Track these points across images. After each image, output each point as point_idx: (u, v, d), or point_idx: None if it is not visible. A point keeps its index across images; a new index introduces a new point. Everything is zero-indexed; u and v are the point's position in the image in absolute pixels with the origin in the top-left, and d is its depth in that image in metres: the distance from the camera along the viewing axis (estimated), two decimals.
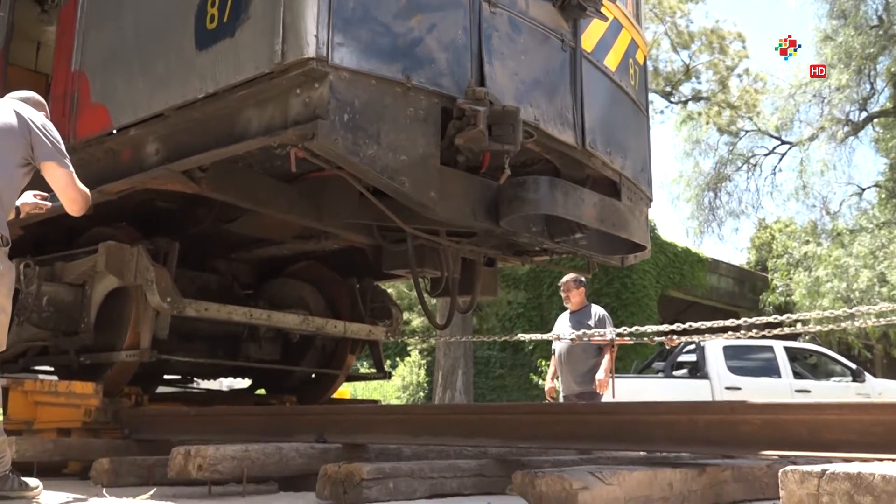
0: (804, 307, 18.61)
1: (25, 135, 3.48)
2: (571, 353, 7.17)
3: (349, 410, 4.26)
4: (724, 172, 22.73)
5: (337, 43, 3.58)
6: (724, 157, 22.61)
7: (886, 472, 1.92)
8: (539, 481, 2.42)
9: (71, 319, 5.03)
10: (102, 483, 3.85)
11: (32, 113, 3.61)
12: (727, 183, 22.75)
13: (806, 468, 2.02)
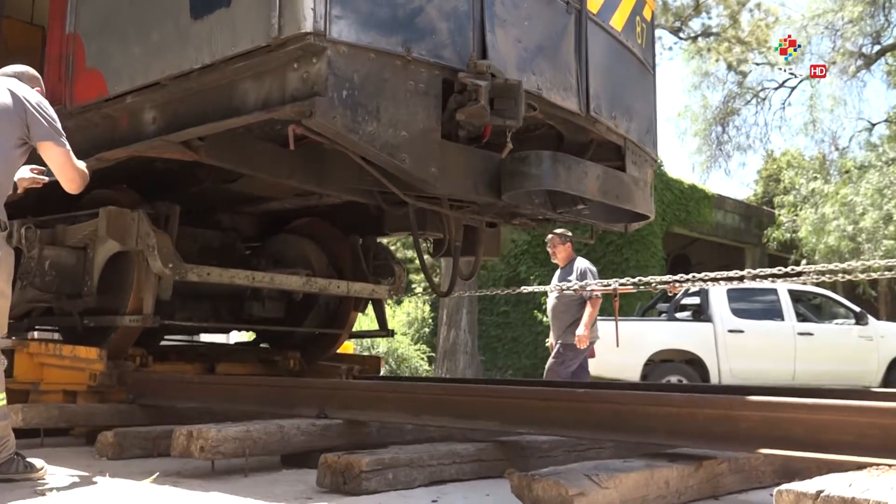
0: (810, 244, 18.60)
1: (21, 114, 3.44)
2: (556, 309, 7.43)
3: (351, 386, 4.28)
4: (733, 106, 22.43)
5: (335, 16, 3.48)
6: (733, 90, 22.29)
7: (881, 498, 1.91)
8: (536, 485, 2.43)
9: (73, 283, 5.03)
10: (107, 456, 3.90)
11: (27, 91, 3.55)
12: (735, 117, 22.48)
13: (801, 488, 2.02)
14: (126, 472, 3.47)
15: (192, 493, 3.02)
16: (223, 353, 6.34)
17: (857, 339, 12.12)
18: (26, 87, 3.60)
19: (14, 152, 3.44)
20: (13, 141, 3.41)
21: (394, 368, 17.62)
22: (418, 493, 2.93)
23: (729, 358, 11.74)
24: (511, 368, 18.28)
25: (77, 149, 4.56)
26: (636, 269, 18.26)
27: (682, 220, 19.57)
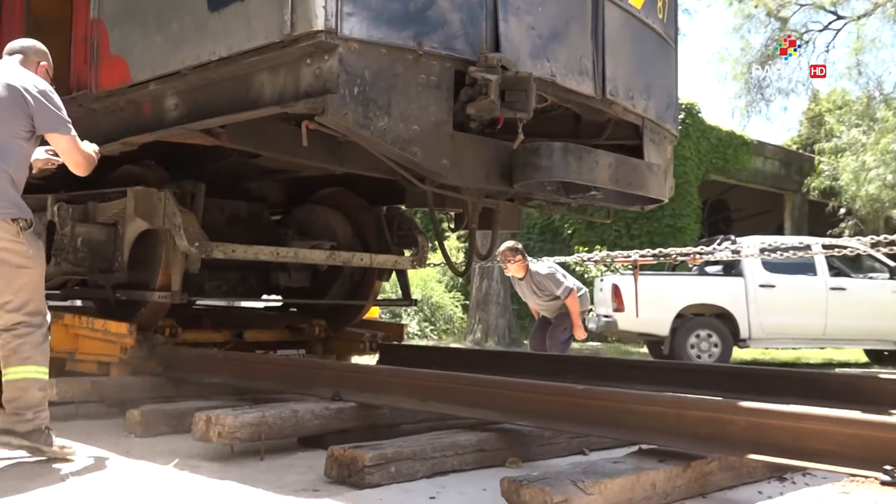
0: (850, 192, 18.34)
1: (23, 108, 3.57)
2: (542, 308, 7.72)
3: (365, 370, 4.44)
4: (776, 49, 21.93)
5: (346, 13, 3.54)
6: (776, 32, 21.77)
7: None
8: (524, 491, 2.56)
9: (105, 258, 5.20)
10: (135, 433, 4.12)
11: (28, 80, 3.65)
12: (777, 60, 21.97)
13: None
14: (151, 453, 3.68)
15: (208, 480, 3.20)
16: (252, 318, 6.53)
17: (890, 294, 12.05)
18: (28, 75, 3.70)
19: (24, 145, 3.61)
20: (22, 134, 3.58)
21: (428, 315, 17.88)
22: (420, 485, 3.08)
23: (759, 313, 11.77)
24: None
25: (103, 132, 4.77)
26: (671, 216, 18.23)
27: (719, 167, 19.41)
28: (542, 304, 7.59)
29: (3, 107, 3.54)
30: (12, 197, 3.55)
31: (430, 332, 17.43)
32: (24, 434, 3.48)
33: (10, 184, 3.57)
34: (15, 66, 3.77)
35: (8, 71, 3.69)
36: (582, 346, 16.12)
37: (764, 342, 12.12)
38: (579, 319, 7.36)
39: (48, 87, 3.76)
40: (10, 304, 3.53)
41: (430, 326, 17.53)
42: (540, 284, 7.39)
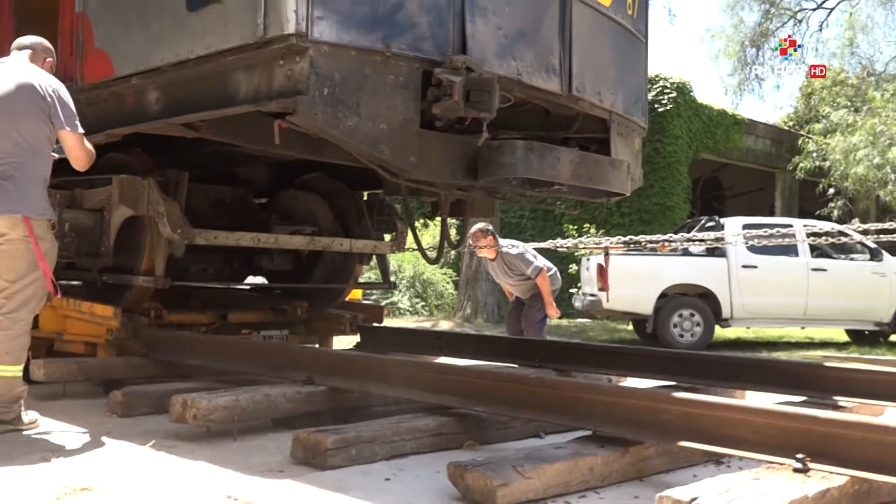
0: (838, 171, 18.49)
1: (47, 111, 3.90)
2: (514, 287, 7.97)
3: (336, 355, 4.64)
4: (769, 27, 22.03)
5: (317, 17, 3.70)
6: (770, 10, 21.85)
7: None
8: (467, 475, 2.78)
9: (91, 243, 5.39)
10: (117, 413, 4.35)
11: (45, 79, 3.95)
12: (771, 38, 22.07)
13: (677, 495, 2.35)
14: (130, 433, 3.91)
15: (181, 460, 3.42)
16: (237, 299, 6.73)
17: (870, 276, 12.28)
18: (41, 73, 4.00)
19: (49, 146, 3.96)
20: (48, 135, 3.96)
21: (419, 291, 18.12)
22: (378, 467, 3.30)
23: (741, 293, 12.00)
24: None
25: (88, 123, 4.92)
26: (661, 195, 18.41)
27: (710, 146, 19.55)
28: (513, 285, 7.80)
29: (34, 109, 3.82)
30: (46, 200, 3.99)
31: (422, 308, 17.68)
32: (9, 421, 3.83)
33: (44, 185, 3.98)
34: (26, 62, 4.05)
35: (22, 69, 3.96)
36: (570, 323, 16.38)
37: (745, 322, 12.37)
38: (551, 297, 7.58)
39: (60, 85, 4.07)
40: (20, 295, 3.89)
41: (422, 303, 17.78)
42: (511, 265, 7.60)
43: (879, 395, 4.29)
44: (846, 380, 4.41)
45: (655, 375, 4.98)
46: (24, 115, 3.86)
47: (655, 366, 5.06)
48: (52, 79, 4.00)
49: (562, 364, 5.32)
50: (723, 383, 4.74)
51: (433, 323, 15.40)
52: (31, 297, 3.95)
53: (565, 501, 2.87)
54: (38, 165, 3.94)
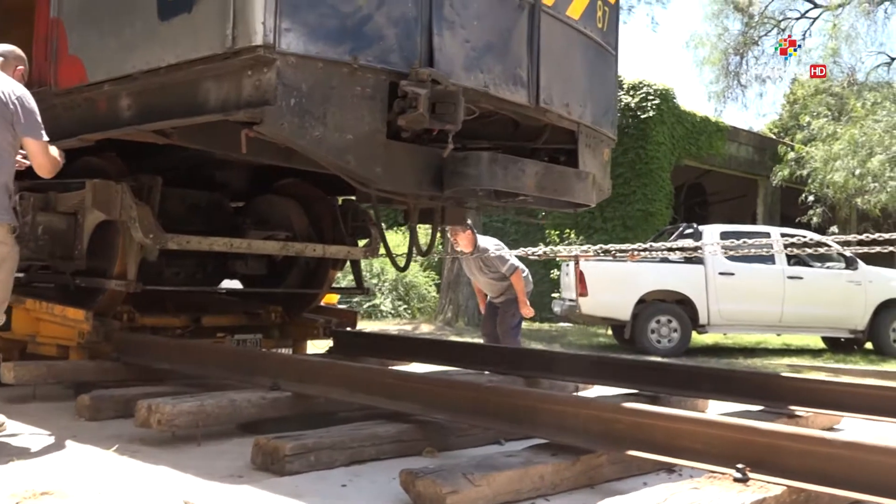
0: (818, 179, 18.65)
1: (9, 118, 3.92)
2: (487, 286, 7.99)
3: (302, 361, 4.70)
4: (753, 35, 22.20)
5: (284, 28, 3.76)
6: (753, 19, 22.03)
7: None
8: (418, 482, 2.84)
9: (65, 246, 5.41)
10: (85, 417, 4.39)
11: (9, 86, 3.97)
12: (755, 47, 22.26)
13: None
14: (96, 437, 3.95)
15: (143, 465, 3.48)
16: (212, 303, 6.77)
17: (845, 284, 12.43)
18: (7, 80, 4.02)
19: (12, 152, 3.97)
20: (10, 141, 3.97)
21: (402, 294, 18.17)
22: (336, 473, 3.36)
23: (718, 300, 12.13)
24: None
25: (64, 128, 4.99)
26: (643, 201, 18.54)
27: (693, 153, 19.70)
28: (486, 283, 7.86)
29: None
30: (8, 206, 4.01)
31: (404, 311, 17.73)
32: None
33: (6, 193, 4.00)
34: None
35: None
36: (551, 327, 16.48)
37: (722, 328, 12.50)
38: (525, 296, 7.65)
39: (25, 92, 4.10)
40: None
41: (404, 305, 17.83)
42: (487, 261, 7.67)
43: (834, 405, 4.39)
44: (802, 390, 4.50)
45: (620, 383, 5.06)
46: None
47: (621, 374, 5.14)
48: (18, 86, 4.04)
49: (531, 372, 5.41)
50: (684, 392, 4.83)
51: (414, 326, 15.47)
52: None
53: None
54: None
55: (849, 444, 2.68)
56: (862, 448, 2.65)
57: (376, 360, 6.21)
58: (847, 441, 2.71)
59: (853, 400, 4.36)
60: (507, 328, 7.84)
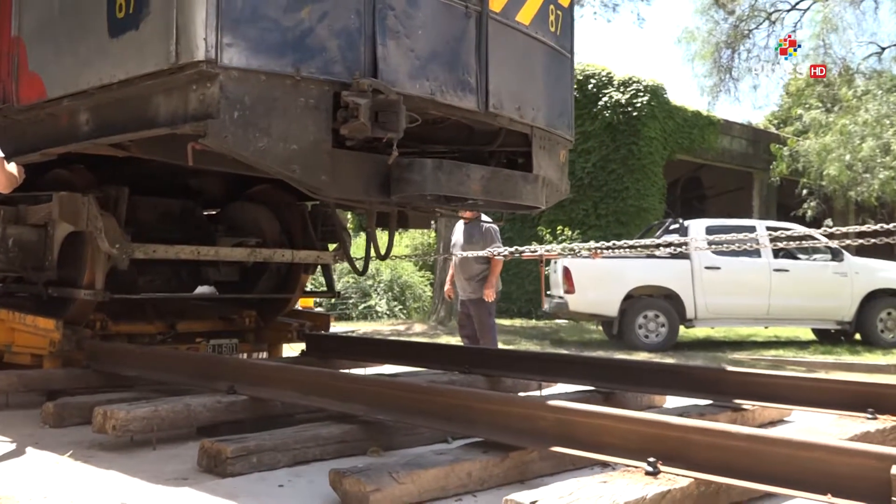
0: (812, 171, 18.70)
1: None
2: (463, 262, 7.99)
3: (257, 366, 4.83)
4: (744, 28, 22.21)
5: (226, 44, 3.86)
6: (745, 12, 22.05)
7: None
8: (345, 481, 2.95)
9: (36, 257, 5.54)
10: (49, 423, 4.51)
11: None
12: (746, 40, 22.27)
13: (520, 498, 2.53)
14: (56, 443, 4.07)
15: (94, 469, 3.59)
16: (188, 309, 6.89)
17: (831, 275, 12.50)
18: None
19: None
20: None
21: (397, 294, 18.30)
22: (279, 473, 3.47)
23: (705, 294, 12.21)
24: (515, 294, 18.82)
25: (28, 142, 5.12)
26: (637, 196, 18.63)
27: (685, 147, 19.76)
28: (466, 259, 7.91)
29: None
30: None
31: (399, 311, 17.86)
32: None
33: None
34: None
35: None
36: (545, 324, 16.59)
37: (709, 322, 12.59)
38: (495, 279, 7.82)
39: None
40: None
41: (400, 306, 17.95)
42: (485, 234, 7.84)
43: (783, 398, 4.47)
44: (753, 384, 4.58)
45: (580, 381, 5.16)
46: None
47: (581, 372, 5.23)
48: None
49: (497, 371, 5.52)
50: (641, 388, 4.94)
51: (407, 327, 15.59)
52: None
53: None
54: None
55: (750, 436, 2.77)
56: (762, 440, 2.74)
57: (349, 362, 6.35)
58: (748, 434, 2.80)
59: (803, 393, 4.43)
60: (487, 328, 7.96)
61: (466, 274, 8.01)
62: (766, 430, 2.93)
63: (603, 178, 18.82)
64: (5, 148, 4.41)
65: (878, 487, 2.45)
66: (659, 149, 18.92)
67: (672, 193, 22.86)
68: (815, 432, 3.42)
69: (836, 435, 3.45)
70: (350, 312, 17.02)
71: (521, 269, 18.79)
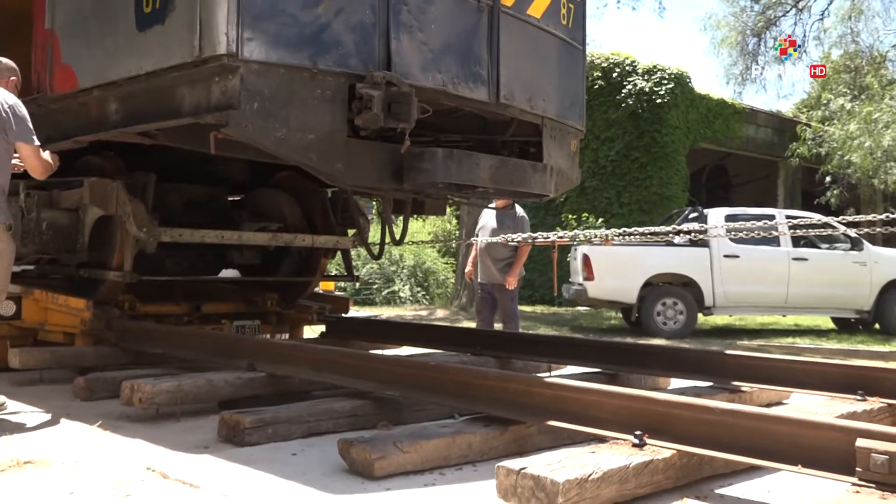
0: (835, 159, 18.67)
1: (2, 124, 4.33)
2: (491, 246, 8.04)
3: (274, 345, 5.07)
4: (771, 16, 22.12)
5: (246, 38, 4.06)
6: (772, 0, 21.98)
7: (556, 477, 2.61)
8: (352, 449, 3.18)
9: (68, 240, 5.80)
10: (80, 397, 4.79)
11: (3, 96, 4.40)
12: (773, 28, 22.19)
13: (511, 465, 2.73)
14: (87, 414, 4.34)
15: (120, 438, 3.86)
16: (213, 291, 7.14)
17: (850, 265, 12.53)
18: (1, 91, 4.41)
19: (6, 157, 4.43)
20: (3, 146, 4.40)
21: (420, 280, 18.53)
22: (292, 444, 3.70)
23: (724, 282, 12.29)
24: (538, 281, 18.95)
25: (61, 130, 5.37)
26: (660, 184, 18.68)
27: (708, 136, 19.77)
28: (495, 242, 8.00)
29: None
30: (3, 206, 4.44)
31: (422, 297, 18.09)
32: None
33: (2, 194, 4.42)
34: None
35: None
36: (566, 311, 16.74)
37: (728, 310, 12.68)
38: (519, 267, 7.97)
39: (17, 101, 4.51)
40: None
41: (423, 291, 18.19)
42: (515, 221, 7.96)
43: (780, 380, 4.63)
44: (752, 367, 4.74)
45: (588, 363, 5.35)
46: None
47: (589, 354, 5.43)
48: (10, 96, 4.44)
49: (509, 353, 5.73)
50: (645, 370, 5.12)
51: (430, 312, 15.81)
52: None
53: (440, 472, 3.26)
54: None
55: (727, 411, 2.96)
56: (738, 415, 2.92)
57: (367, 344, 6.57)
58: (727, 409, 2.98)
59: (798, 376, 4.58)
60: (510, 312, 8.11)
61: (494, 258, 8.13)
62: (743, 406, 3.10)
63: (626, 166, 18.88)
64: (39, 136, 4.66)
65: (844, 458, 2.63)
66: (682, 137, 18.95)
67: (698, 182, 22.87)
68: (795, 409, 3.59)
69: (825, 414, 3.61)
70: (374, 298, 17.31)
71: (544, 256, 18.88)
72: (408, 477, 3.20)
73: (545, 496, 2.60)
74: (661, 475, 2.92)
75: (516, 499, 2.69)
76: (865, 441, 2.60)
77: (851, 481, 2.59)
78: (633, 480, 2.81)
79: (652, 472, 2.89)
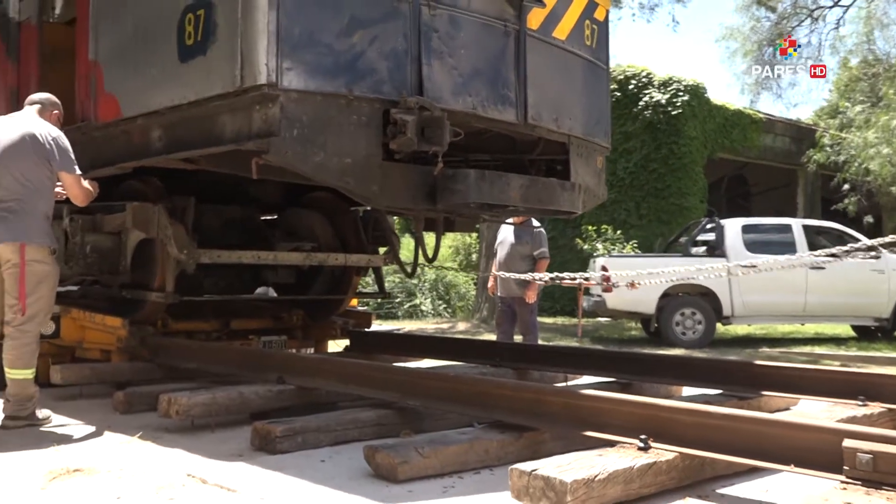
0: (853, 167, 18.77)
1: (44, 154, 4.70)
2: (511, 258, 8.27)
3: (303, 359, 5.36)
4: (787, 26, 22.23)
5: (286, 68, 4.28)
6: (787, 9, 22.11)
7: (565, 478, 2.86)
8: (377, 455, 3.45)
9: (112, 262, 6.05)
10: (119, 411, 5.09)
11: (46, 129, 4.76)
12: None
13: (522, 467, 2.99)
14: (126, 427, 4.62)
15: (160, 448, 4.15)
16: (242, 308, 7.41)
17: (868, 273, 12.64)
18: (43, 125, 4.83)
19: (50, 185, 4.80)
20: (48, 175, 4.78)
21: (442, 294, 18.79)
22: (320, 452, 3.98)
23: (741, 292, 12.46)
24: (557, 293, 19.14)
25: (104, 157, 5.64)
26: (678, 195, 18.86)
27: (726, 146, 19.94)
28: (513, 256, 8.25)
29: (34, 154, 4.70)
30: (48, 230, 4.81)
31: (444, 310, 18.35)
32: (24, 417, 4.67)
33: (46, 219, 4.80)
34: (34, 116, 4.93)
35: (29, 121, 4.83)
36: (586, 322, 16.92)
37: (746, 319, 12.83)
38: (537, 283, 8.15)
39: (60, 134, 4.91)
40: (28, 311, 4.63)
41: (444, 305, 18.45)
42: (532, 236, 8.19)
43: (789, 388, 4.83)
44: (761, 375, 4.95)
45: (603, 373, 5.59)
46: (26, 160, 4.70)
47: (604, 364, 5.68)
48: (53, 129, 4.83)
49: (527, 364, 5.98)
50: (658, 379, 5.35)
51: (451, 325, 16.06)
52: (37, 312, 4.75)
53: (459, 476, 3.53)
54: (38, 201, 4.76)
55: (725, 415, 3.20)
56: (735, 419, 3.16)
57: (390, 357, 6.84)
58: (726, 413, 3.23)
59: (805, 383, 4.79)
60: (529, 325, 8.35)
61: (514, 269, 8.30)
62: (741, 411, 3.34)
63: (644, 177, 19.09)
64: (83, 163, 5.00)
65: (833, 458, 2.87)
66: (699, 148, 19.15)
67: (717, 192, 23.00)
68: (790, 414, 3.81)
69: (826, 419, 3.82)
70: (396, 311, 17.60)
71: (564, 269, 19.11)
72: (429, 480, 3.47)
73: (555, 495, 2.85)
74: (665, 476, 3.17)
75: (528, 498, 2.94)
76: (852, 441, 2.83)
77: (839, 479, 2.83)
78: (637, 481, 3.06)
79: (655, 473, 3.13)
